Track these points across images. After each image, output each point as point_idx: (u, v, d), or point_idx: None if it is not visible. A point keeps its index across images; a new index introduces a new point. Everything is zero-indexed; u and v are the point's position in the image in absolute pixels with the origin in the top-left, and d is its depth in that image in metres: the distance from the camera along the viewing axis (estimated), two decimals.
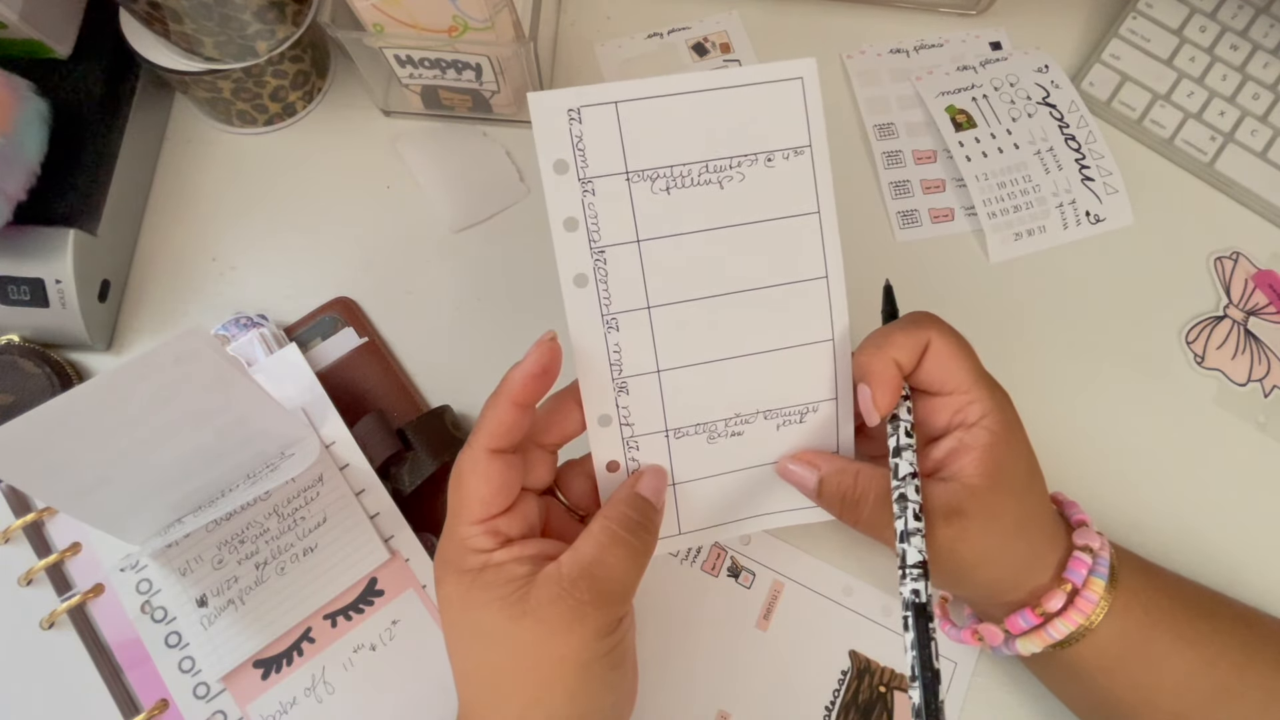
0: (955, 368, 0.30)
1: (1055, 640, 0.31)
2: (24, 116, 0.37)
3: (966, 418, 0.30)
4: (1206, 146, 0.45)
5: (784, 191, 0.31)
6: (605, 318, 0.30)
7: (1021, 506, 0.31)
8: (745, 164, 0.30)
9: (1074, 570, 0.31)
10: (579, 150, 0.29)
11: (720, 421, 0.32)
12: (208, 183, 0.45)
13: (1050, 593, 0.30)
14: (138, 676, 0.34)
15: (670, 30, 0.48)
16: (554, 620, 0.27)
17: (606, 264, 0.30)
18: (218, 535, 0.35)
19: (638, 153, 0.29)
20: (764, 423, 0.32)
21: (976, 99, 0.46)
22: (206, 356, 0.28)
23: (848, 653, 0.37)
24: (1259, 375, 0.42)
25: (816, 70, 0.30)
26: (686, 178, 0.30)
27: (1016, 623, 0.31)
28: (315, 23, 0.41)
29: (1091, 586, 0.30)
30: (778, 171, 0.30)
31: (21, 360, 0.38)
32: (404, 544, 0.35)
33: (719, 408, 0.32)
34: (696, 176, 0.30)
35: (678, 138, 0.29)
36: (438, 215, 0.44)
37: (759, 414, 0.32)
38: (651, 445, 0.32)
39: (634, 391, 0.31)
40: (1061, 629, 0.30)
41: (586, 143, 0.29)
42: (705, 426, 0.32)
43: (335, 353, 0.40)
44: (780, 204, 0.31)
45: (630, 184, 0.29)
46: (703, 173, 0.30)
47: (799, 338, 0.31)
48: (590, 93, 0.28)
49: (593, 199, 0.29)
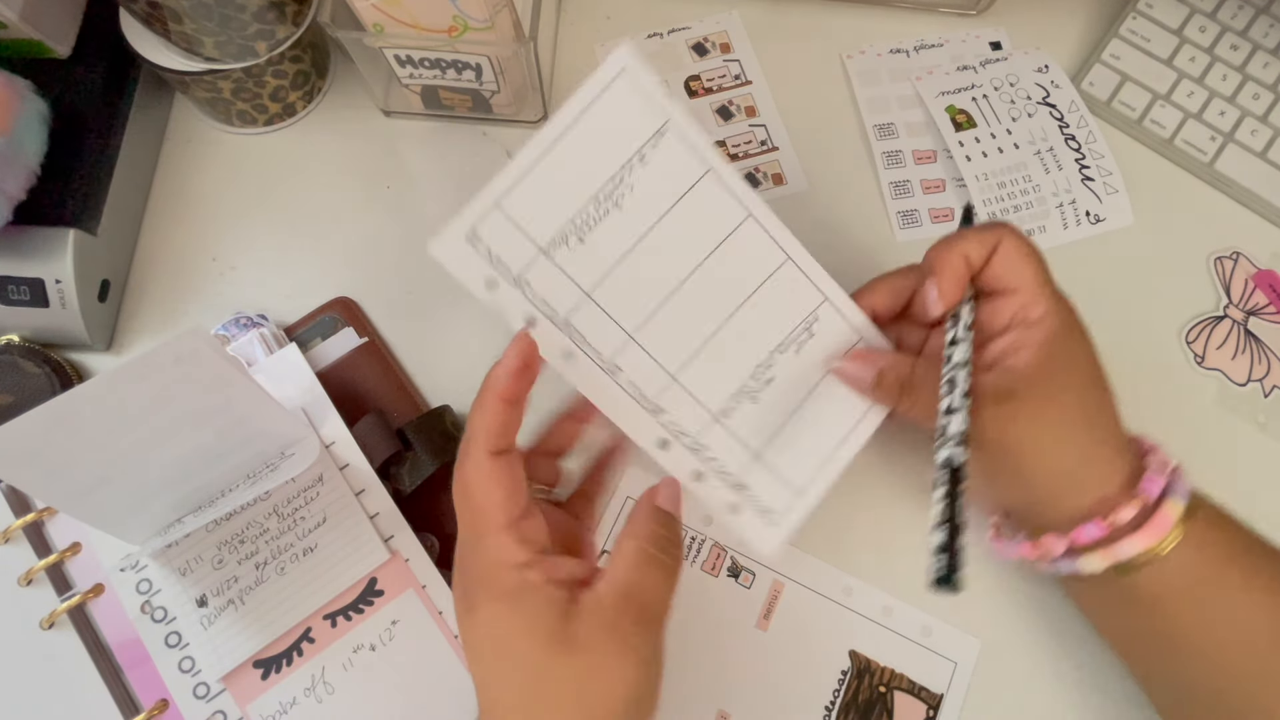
0: (1022, 268, 0.31)
1: (1123, 559, 0.30)
2: (24, 116, 0.37)
3: (1028, 316, 0.31)
4: (1206, 146, 0.45)
5: (671, 173, 0.32)
6: (605, 369, 0.31)
7: (1080, 402, 0.31)
8: (626, 175, 0.31)
9: (1149, 483, 0.30)
10: (496, 262, 0.30)
11: (749, 380, 0.34)
12: (208, 183, 0.45)
13: (1120, 505, 0.30)
14: (138, 676, 0.34)
15: (670, 30, 0.48)
16: (604, 653, 0.26)
17: (578, 328, 0.31)
18: (218, 535, 0.35)
19: (539, 228, 0.30)
20: (782, 357, 0.34)
21: (976, 99, 0.46)
22: (206, 356, 0.28)
23: (848, 653, 0.37)
24: (1259, 375, 0.42)
25: (634, 50, 0.30)
26: (589, 219, 0.31)
27: (1084, 532, 0.30)
28: (315, 23, 0.41)
29: (1168, 508, 0.30)
30: (654, 162, 0.31)
31: (21, 360, 0.38)
32: (404, 544, 0.35)
33: (741, 370, 0.34)
34: (595, 212, 0.31)
35: (561, 193, 0.30)
36: (438, 215, 0.44)
37: (773, 353, 0.34)
38: (714, 438, 0.33)
39: (668, 405, 0.32)
40: (1130, 548, 0.30)
41: (496, 251, 0.30)
42: (742, 392, 0.34)
43: (335, 353, 0.40)
44: (675, 184, 0.32)
45: (550, 257, 0.31)
46: (598, 206, 0.31)
47: (762, 272, 0.34)
48: (473, 210, 0.29)
49: (531, 290, 0.30)
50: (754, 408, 0.34)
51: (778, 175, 0.45)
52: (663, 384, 0.32)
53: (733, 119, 0.46)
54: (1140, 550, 0.30)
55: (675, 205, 0.32)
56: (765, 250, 0.33)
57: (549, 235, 0.30)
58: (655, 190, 0.31)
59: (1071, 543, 0.31)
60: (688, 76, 0.47)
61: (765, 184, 0.45)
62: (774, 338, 0.34)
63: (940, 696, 0.37)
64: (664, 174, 0.31)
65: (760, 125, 0.46)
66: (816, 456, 0.35)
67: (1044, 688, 0.37)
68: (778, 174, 0.45)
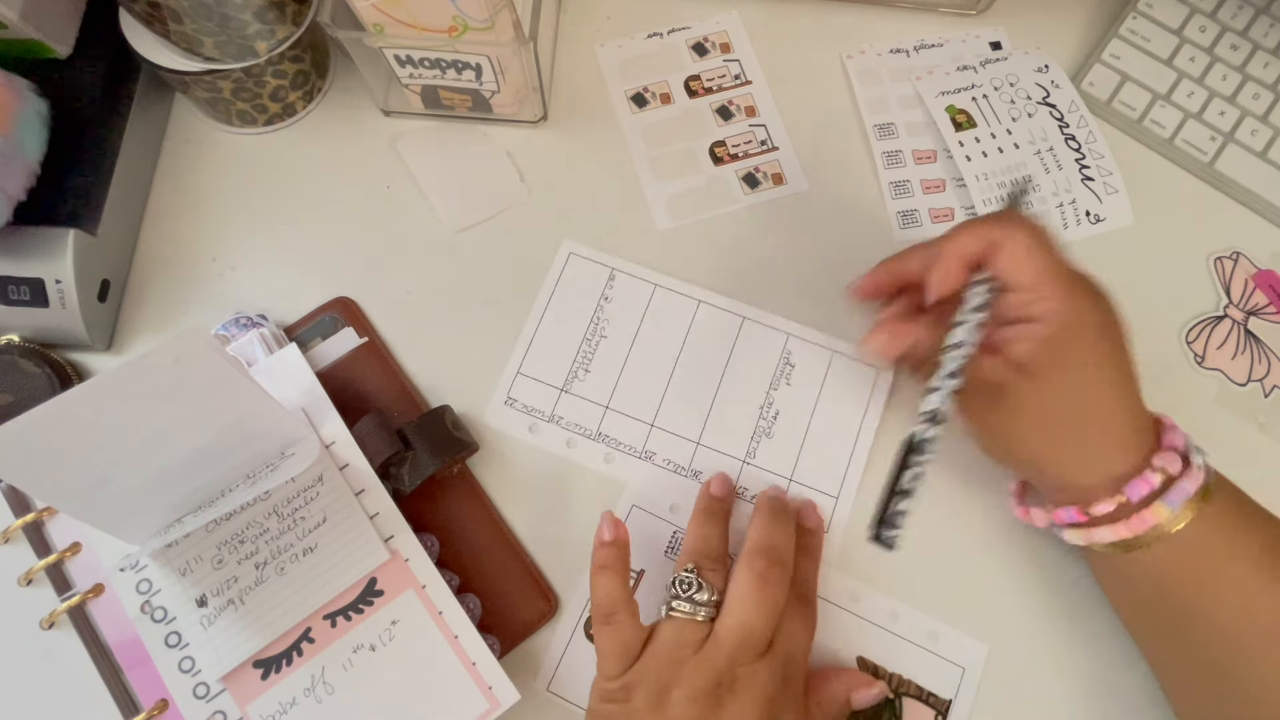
0: (1025, 266, 0.31)
1: (1110, 540, 0.32)
2: (24, 116, 0.37)
3: (1030, 313, 0.32)
4: (1206, 146, 0.45)
5: (630, 300, 0.42)
6: (642, 457, 0.40)
7: (1077, 398, 0.32)
8: (599, 314, 0.42)
9: (1146, 477, 0.31)
10: (531, 411, 0.40)
11: (759, 421, 0.40)
12: (208, 183, 0.45)
13: (1124, 485, 0.31)
14: (138, 676, 0.34)
15: (670, 30, 0.48)
16: None
17: (609, 434, 0.40)
18: (217, 535, 0.35)
19: (553, 375, 0.41)
20: (777, 392, 0.41)
21: (976, 99, 0.46)
22: (206, 356, 0.28)
23: (855, 658, 0.37)
24: (1259, 375, 0.42)
25: (572, 241, 0.43)
26: (586, 354, 0.41)
27: (1085, 513, 0.32)
28: (315, 23, 0.41)
29: (1174, 493, 0.31)
30: (615, 298, 0.42)
31: (21, 360, 0.38)
32: (404, 544, 0.35)
33: (748, 416, 0.41)
34: (588, 348, 0.41)
35: (559, 345, 0.42)
36: (438, 215, 0.44)
37: (769, 392, 0.41)
38: (749, 478, 0.40)
39: (702, 467, 0.40)
40: (1127, 530, 0.31)
41: (527, 403, 0.41)
42: (757, 432, 0.40)
43: (335, 353, 0.40)
44: (637, 306, 0.42)
45: (569, 391, 0.41)
46: (588, 342, 0.41)
47: (729, 336, 0.42)
48: (503, 382, 0.41)
49: (564, 420, 0.40)
50: (771, 442, 0.40)
51: (778, 175, 0.45)
52: (691, 451, 0.40)
53: (733, 119, 0.46)
54: (1140, 532, 0.31)
55: (643, 320, 0.42)
56: (723, 320, 0.42)
57: (562, 376, 0.41)
58: (624, 316, 0.42)
59: (1073, 518, 0.32)
60: (688, 76, 0.47)
61: (765, 184, 0.45)
62: (763, 380, 0.41)
63: (949, 702, 0.37)
64: (626, 303, 0.42)
65: (760, 125, 0.46)
66: (838, 461, 0.40)
67: (1052, 694, 0.37)
68: (778, 174, 0.45)
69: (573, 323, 0.42)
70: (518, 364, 0.41)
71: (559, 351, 0.41)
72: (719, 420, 0.40)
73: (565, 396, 0.40)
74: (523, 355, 0.41)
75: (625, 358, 0.41)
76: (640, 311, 0.42)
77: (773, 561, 0.33)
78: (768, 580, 0.32)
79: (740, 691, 0.31)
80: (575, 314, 0.42)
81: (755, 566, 0.33)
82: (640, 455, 0.40)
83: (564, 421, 0.40)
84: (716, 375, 0.41)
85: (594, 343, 0.41)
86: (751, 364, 0.41)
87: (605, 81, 0.47)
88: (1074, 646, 0.37)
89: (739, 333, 0.41)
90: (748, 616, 0.32)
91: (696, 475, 0.40)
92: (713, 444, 0.40)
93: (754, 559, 0.33)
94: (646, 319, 0.42)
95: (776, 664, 0.32)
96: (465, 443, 0.38)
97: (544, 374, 0.41)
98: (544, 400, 0.40)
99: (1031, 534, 0.39)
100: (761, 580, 0.32)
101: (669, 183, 0.45)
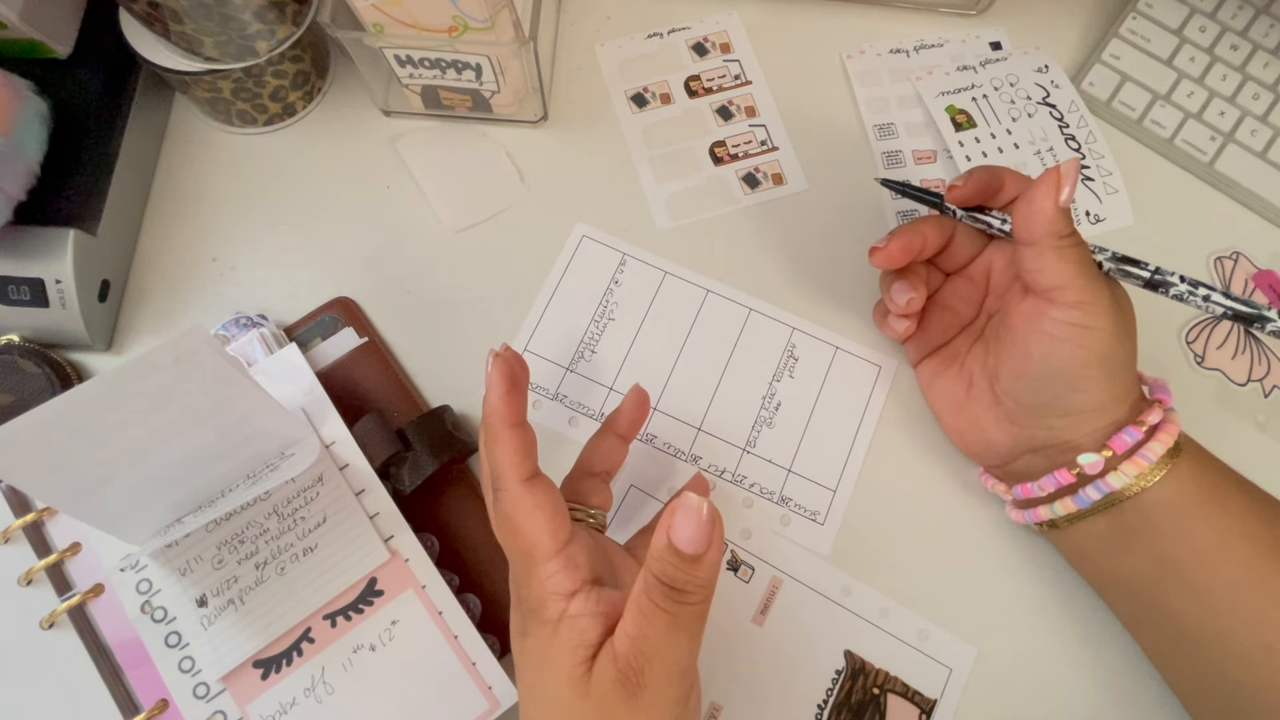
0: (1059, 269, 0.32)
1: (1106, 491, 0.32)
2: (24, 116, 0.37)
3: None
4: (1206, 146, 0.45)
5: (640, 286, 0.43)
6: (643, 439, 0.40)
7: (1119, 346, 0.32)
8: (609, 298, 0.43)
9: (1132, 428, 0.32)
10: (537, 387, 0.41)
11: (760, 411, 0.41)
12: (208, 183, 0.45)
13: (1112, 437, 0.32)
14: (138, 676, 0.34)
15: (670, 30, 0.48)
16: (613, 705, 0.25)
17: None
18: (218, 535, 0.35)
19: (559, 354, 0.42)
20: (780, 385, 0.41)
21: (976, 99, 0.46)
22: (206, 356, 0.28)
23: (843, 653, 0.37)
24: (1259, 375, 0.42)
25: (587, 225, 0.43)
26: (593, 336, 0.42)
27: (1122, 438, 0.32)
28: (315, 23, 0.41)
29: (1151, 447, 0.32)
30: (626, 283, 0.43)
31: (21, 360, 0.38)
32: (404, 544, 0.35)
33: (750, 406, 0.41)
34: (595, 329, 0.42)
35: (567, 324, 0.42)
36: (438, 215, 0.44)
37: (771, 384, 0.41)
38: (749, 467, 0.40)
39: (703, 452, 0.40)
40: (1116, 479, 0.32)
41: (535, 380, 0.41)
42: (758, 422, 0.41)
43: (335, 353, 0.40)
44: (646, 291, 0.43)
45: (574, 370, 0.41)
46: (596, 324, 0.42)
47: (735, 326, 0.42)
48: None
49: (568, 399, 0.41)
50: (772, 432, 0.40)
51: (778, 175, 0.45)
52: (692, 436, 0.40)
53: (733, 119, 0.46)
54: (1127, 481, 0.31)
55: (651, 305, 0.42)
56: (730, 311, 0.42)
57: (569, 356, 0.41)
58: (633, 301, 0.42)
59: (1066, 480, 0.33)
60: (688, 76, 0.47)
61: (765, 184, 0.45)
62: (767, 371, 0.41)
63: (934, 702, 0.37)
64: (635, 288, 0.43)
65: (760, 125, 0.46)
66: (837, 455, 0.40)
67: (1039, 700, 0.37)
68: (778, 174, 0.45)
69: (580, 304, 0.42)
70: (526, 339, 0.42)
71: (565, 331, 0.42)
72: (721, 408, 0.41)
73: (569, 375, 0.41)
74: (531, 332, 0.42)
75: (632, 341, 0.42)
76: (649, 297, 0.42)
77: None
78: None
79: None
80: (586, 296, 0.42)
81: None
82: (641, 438, 0.40)
83: (567, 400, 0.41)
84: (721, 364, 0.41)
85: (600, 325, 0.42)
86: (756, 355, 0.42)
87: (605, 81, 0.47)
88: (1063, 655, 0.37)
89: (745, 324, 0.42)
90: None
91: (696, 460, 0.40)
92: (713, 430, 0.40)
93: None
94: (655, 305, 0.42)
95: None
96: (465, 443, 0.38)
97: (550, 352, 0.41)
98: (549, 377, 0.41)
99: (1031, 541, 0.39)
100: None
101: (669, 183, 0.45)
